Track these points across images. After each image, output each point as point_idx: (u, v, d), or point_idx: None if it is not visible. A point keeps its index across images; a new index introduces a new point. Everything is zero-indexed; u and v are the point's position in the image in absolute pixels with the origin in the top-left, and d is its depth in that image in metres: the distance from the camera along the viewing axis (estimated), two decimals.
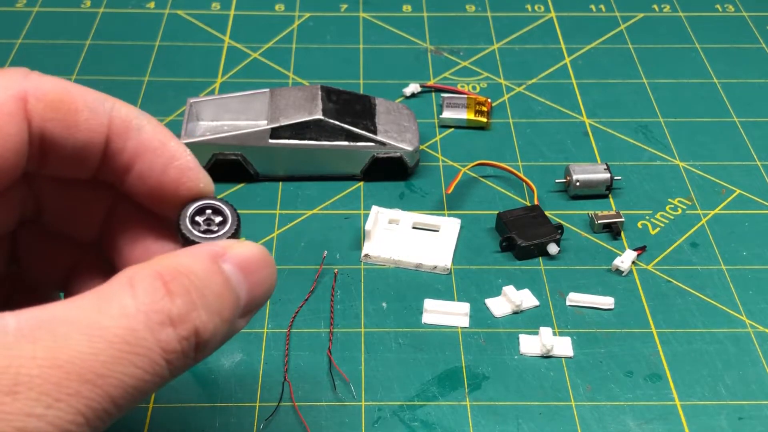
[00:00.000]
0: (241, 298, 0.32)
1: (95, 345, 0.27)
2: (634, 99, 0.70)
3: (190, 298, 0.29)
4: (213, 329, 0.30)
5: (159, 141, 0.34)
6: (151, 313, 0.28)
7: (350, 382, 0.48)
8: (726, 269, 0.56)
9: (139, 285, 0.29)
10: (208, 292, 0.30)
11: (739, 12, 0.80)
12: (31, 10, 0.78)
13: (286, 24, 0.77)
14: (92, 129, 0.33)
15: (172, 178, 0.34)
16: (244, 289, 0.32)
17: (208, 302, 0.30)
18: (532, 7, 0.80)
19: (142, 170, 0.34)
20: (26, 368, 0.26)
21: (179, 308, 0.29)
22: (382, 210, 0.57)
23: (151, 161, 0.34)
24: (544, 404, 0.47)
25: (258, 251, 0.33)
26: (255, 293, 0.33)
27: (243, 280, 0.32)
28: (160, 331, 0.28)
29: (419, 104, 0.68)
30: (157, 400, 0.47)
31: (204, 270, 0.31)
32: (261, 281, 0.33)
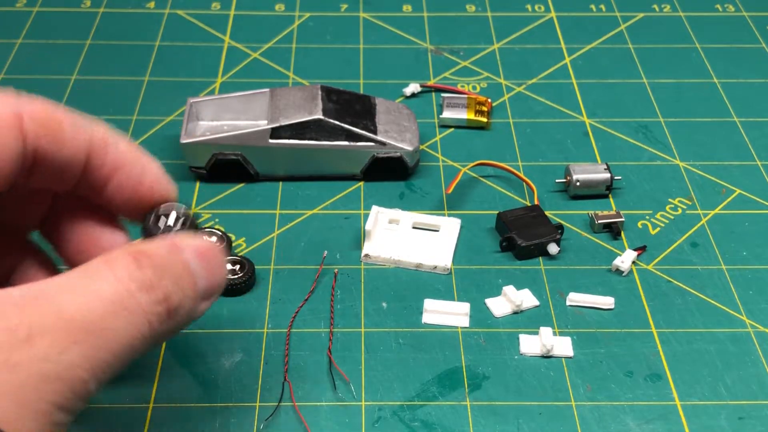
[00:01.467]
0: (199, 281, 0.37)
1: (91, 304, 0.32)
2: (634, 99, 0.70)
3: (156, 271, 0.35)
4: (180, 299, 0.35)
5: (133, 155, 0.39)
6: (129, 281, 0.34)
7: (350, 382, 0.48)
8: (726, 269, 0.56)
9: (116, 262, 0.34)
10: (171, 269, 0.35)
11: (739, 12, 0.80)
12: (31, 10, 0.78)
13: (286, 24, 0.77)
14: (76, 145, 0.37)
15: (146, 187, 0.40)
16: (202, 273, 0.37)
17: (171, 276, 0.35)
18: (532, 7, 0.80)
19: (120, 181, 0.39)
20: (37, 322, 0.31)
21: (150, 278, 0.34)
22: (382, 210, 0.57)
23: (128, 173, 0.39)
24: (544, 404, 0.47)
25: (209, 243, 0.39)
26: (212, 278, 0.38)
27: (200, 266, 0.37)
28: (139, 295, 0.34)
29: (419, 104, 0.68)
30: (157, 400, 0.47)
31: (165, 253, 0.36)
32: (215, 268, 0.38)
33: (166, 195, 0.40)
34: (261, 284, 0.54)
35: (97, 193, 0.40)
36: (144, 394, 0.47)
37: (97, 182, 0.39)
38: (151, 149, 0.64)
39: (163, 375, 0.48)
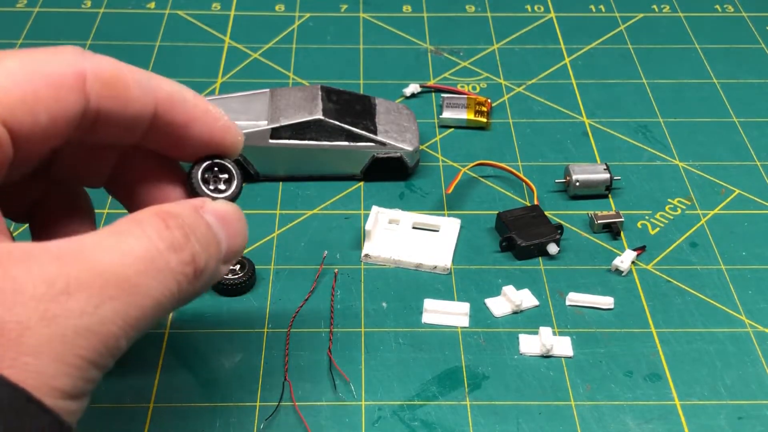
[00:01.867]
0: (221, 243, 0.38)
1: (125, 261, 0.33)
2: (633, 99, 0.70)
3: (183, 231, 0.35)
4: (206, 260, 0.36)
5: (202, 109, 0.39)
6: (158, 240, 0.34)
7: (350, 381, 0.48)
8: (725, 269, 0.56)
9: (144, 222, 0.34)
10: (197, 231, 0.36)
11: (739, 12, 0.80)
12: (32, 11, 0.78)
13: (287, 24, 0.77)
14: (142, 104, 0.37)
15: (217, 137, 0.40)
16: (223, 235, 0.38)
17: (197, 237, 0.36)
18: (532, 8, 0.80)
19: (192, 134, 0.39)
20: (74, 275, 0.31)
21: (178, 238, 0.35)
22: (382, 210, 0.57)
23: (199, 127, 0.39)
24: (543, 404, 0.47)
25: (233, 207, 0.39)
26: (232, 241, 0.39)
27: (221, 228, 0.38)
28: (168, 255, 0.34)
29: (419, 104, 0.68)
30: (157, 400, 0.47)
31: (190, 215, 0.36)
32: (236, 232, 0.39)
33: (237, 142, 0.41)
34: (261, 284, 0.54)
35: (165, 147, 0.40)
36: (144, 394, 0.47)
37: (164, 138, 0.39)
38: None
39: (163, 375, 0.48)
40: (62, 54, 0.35)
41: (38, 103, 0.34)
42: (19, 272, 0.31)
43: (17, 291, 0.30)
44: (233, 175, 0.41)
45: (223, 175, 0.41)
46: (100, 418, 0.46)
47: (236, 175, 0.41)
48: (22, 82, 0.33)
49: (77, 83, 0.35)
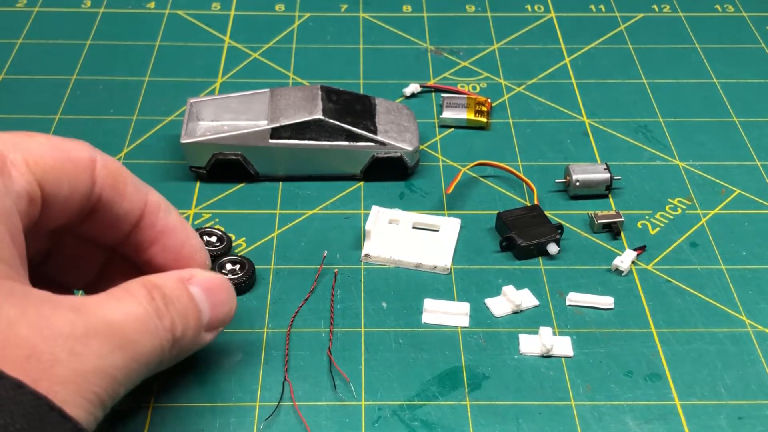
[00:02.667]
0: (204, 313, 0.42)
1: (127, 318, 0.38)
2: (633, 99, 0.70)
3: (165, 302, 0.40)
4: (182, 328, 0.40)
5: (181, 223, 0.44)
6: (148, 306, 0.39)
7: (350, 381, 0.48)
8: (726, 269, 0.56)
9: (135, 290, 0.39)
10: (177, 301, 0.40)
11: (739, 12, 0.80)
12: (32, 10, 0.78)
13: (286, 24, 0.77)
14: (134, 202, 0.42)
15: (186, 253, 0.44)
16: (207, 306, 0.42)
17: (177, 309, 0.40)
18: (532, 7, 0.80)
19: (165, 244, 0.44)
20: (91, 324, 0.36)
21: (159, 307, 0.39)
22: (382, 210, 0.57)
23: (174, 238, 0.44)
24: (543, 404, 0.47)
25: (218, 278, 0.44)
26: (216, 311, 0.43)
27: (205, 299, 0.42)
28: (156, 319, 0.39)
29: (419, 104, 0.68)
30: (157, 400, 0.47)
31: (173, 286, 0.41)
32: (221, 302, 0.43)
33: (203, 264, 0.45)
34: (261, 284, 0.54)
35: (141, 252, 0.44)
36: (144, 394, 0.47)
37: (144, 241, 0.44)
38: (152, 149, 0.65)
39: (163, 375, 0.48)
40: (78, 142, 0.41)
41: (63, 174, 0.39)
42: (49, 312, 0.35)
43: (49, 327, 0.35)
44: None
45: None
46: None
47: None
48: (52, 153, 0.39)
49: (90, 166, 0.40)
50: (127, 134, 0.64)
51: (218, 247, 0.54)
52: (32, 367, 0.33)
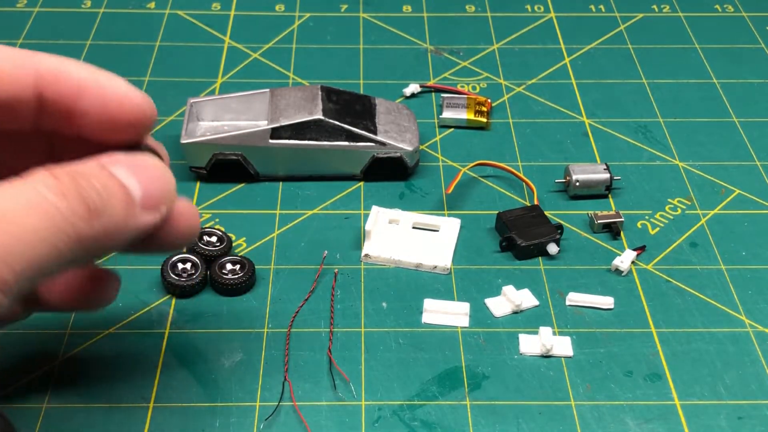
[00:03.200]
0: (133, 188, 0.37)
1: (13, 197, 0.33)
2: (633, 99, 0.70)
3: (71, 177, 0.35)
4: (102, 200, 0.35)
5: (89, 77, 0.38)
6: (42, 186, 0.34)
7: (350, 381, 0.48)
8: (725, 269, 0.56)
9: (31, 176, 0.34)
10: (93, 180, 0.35)
11: (739, 12, 0.80)
12: (32, 11, 0.78)
13: (287, 24, 0.77)
14: (18, 81, 0.37)
15: (114, 107, 0.38)
16: (134, 182, 0.37)
17: (92, 185, 0.35)
18: (532, 7, 0.80)
19: (84, 107, 0.38)
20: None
21: (65, 183, 0.34)
22: (382, 210, 0.57)
23: (89, 96, 0.38)
24: (543, 404, 0.47)
25: (145, 156, 0.38)
26: (150, 187, 0.37)
27: (131, 175, 0.37)
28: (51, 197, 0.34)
29: (419, 104, 0.68)
30: (157, 400, 0.47)
31: (89, 168, 0.36)
32: (153, 177, 0.37)
33: (139, 108, 0.38)
34: (261, 284, 0.54)
35: (67, 125, 0.39)
36: (144, 394, 0.47)
37: (60, 114, 0.38)
38: None
39: (163, 375, 0.48)
40: None
41: None
42: None
43: None
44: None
45: None
46: (100, 418, 0.46)
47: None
48: None
49: None
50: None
51: (218, 247, 0.54)
52: None
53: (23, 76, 0.37)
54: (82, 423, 0.46)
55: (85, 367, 0.49)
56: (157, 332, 0.51)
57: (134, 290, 0.53)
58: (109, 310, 0.51)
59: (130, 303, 0.52)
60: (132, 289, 0.53)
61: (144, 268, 0.54)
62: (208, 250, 0.54)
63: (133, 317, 0.51)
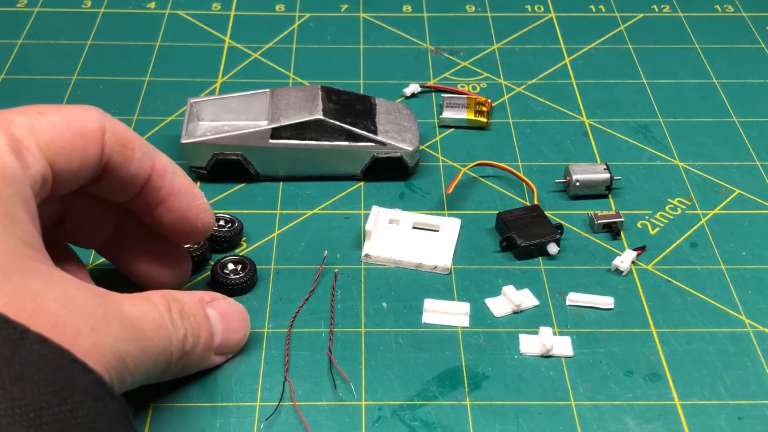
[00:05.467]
0: (216, 335, 0.46)
1: (144, 316, 0.41)
2: (633, 99, 0.70)
3: (181, 314, 0.43)
4: (193, 344, 0.43)
5: (187, 185, 0.46)
6: (164, 312, 0.42)
7: (350, 381, 0.48)
8: (725, 269, 0.56)
9: (154, 299, 0.42)
10: (192, 317, 0.44)
11: (739, 12, 0.80)
12: (32, 11, 0.78)
13: (287, 24, 0.77)
14: (142, 166, 0.44)
15: (193, 213, 0.47)
16: (220, 329, 0.46)
17: (191, 323, 0.43)
18: (532, 7, 0.80)
19: (172, 205, 0.46)
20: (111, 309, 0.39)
21: (174, 318, 0.42)
22: (382, 210, 0.57)
23: (180, 200, 0.46)
24: (544, 404, 0.47)
25: (236, 306, 0.47)
26: (228, 335, 0.47)
27: (220, 322, 0.46)
28: (169, 326, 0.42)
29: (419, 104, 0.68)
30: (157, 400, 0.47)
31: (191, 303, 0.44)
32: (234, 328, 0.47)
33: (210, 222, 0.48)
34: (261, 284, 0.54)
35: (150, 212, 0.46)
36: (144, 394, 0.47)
37: (152, 202, 0.46)
38: None
39: None
40: (88, 109, 0.42)
41: (74, 151, 0.41)
42: (74, 291, 0.37)
43: (75, 304, 0.37)
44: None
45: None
46: None
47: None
48: (64, 132, 0.40)
49: (99, 137, 0.42)
50: None
51: (231, 228, 0.55)
52: (56, 336, 0.35)
53: (146, 164, 0.44)
54: None
55: None
56: None
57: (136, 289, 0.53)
58: None
59: None
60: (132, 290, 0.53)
61: None
62: (221, 234, 0.55)
63: None
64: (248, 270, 0.53)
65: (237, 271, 0.53)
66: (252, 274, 0.53)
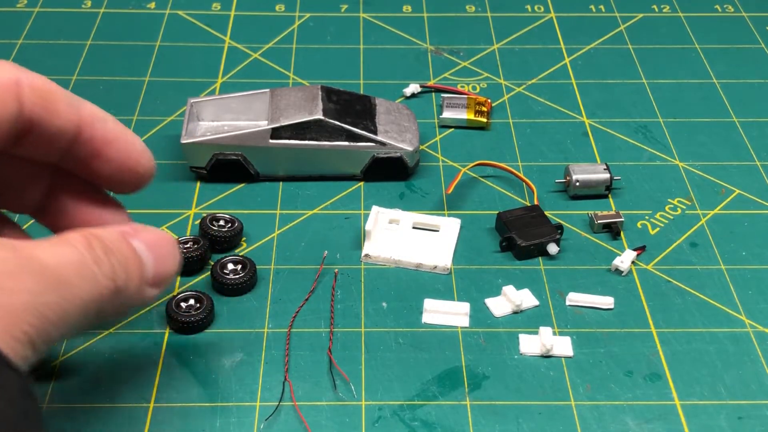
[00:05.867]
0: (148, 265, 0.41)
1: (62, 260, 0.36)
2: (633, 99, 0.70)
3: (104, 251, 0.38)
4: (125, 279, 0.39)
5: (121, 131, 0.43)
6: (85, 252, 0.38)
7: (350, 381, 0.48)
8: (725, 269, 0.56)
9: (72, 239, 0.38)
10: (117, 252, 0.39)
11: (739, 12, 0.80)
12: (32, 11, 0.78)
13: (287, 24, 0.77)
14: (68, 117, 0.41)
15: (133, 159, 0.43)
16: (150, 259, 0.41)
17: (117, 258, 0.39)
18: (532, 8, 0.80)
19: (108, 155, 0.43)
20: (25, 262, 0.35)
21: (98, 255, 0.38)
22: (382, 210, 0.57)
23: (116, 147, 0.43)
24: (543, 404, 0.47)
25: (161, 233, 0.42)
26: (160, 265, 0.42)
27: (148, 252, 0.41)
28: (92, 265, 0.38)
29: (419, 104, 0.68)
30: (157, 400, 0.47)
31: (114, 238, 0.40)
32: (164, 256, 0.42)
33: (151, 167, 0.44)
34: (261, 284, 0.54)
35: (85, 166, 0.43)
36: (144, 394, 0.47)
37: (86, 155, 0.42)
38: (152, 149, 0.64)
39: (163, 375, 0.48)
40: (1, 64, 0.39)
41: None
42: None
43: None
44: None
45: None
46: (100, 418, 0.46)
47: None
48: None
49: (14, 89, 0.39)
50: None
51: (231, 228, 0.55)
52: None
53: (71, 115, 0.41)
54: (82, 423, 0.46)
55: (85, 367, 0.49)
56: (157, 332, 0.51)
57: None
58: None
59: None
60: None
61: None
62: (221, 234, 0.54)
63: (133, 317, 0.51)
64: (248, 270, 0.53)
65: (237, 271, 0.53)
66: (252, 274, 0.53)
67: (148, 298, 0.42)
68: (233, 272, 0.53)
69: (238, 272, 0.53)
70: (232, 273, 0.53)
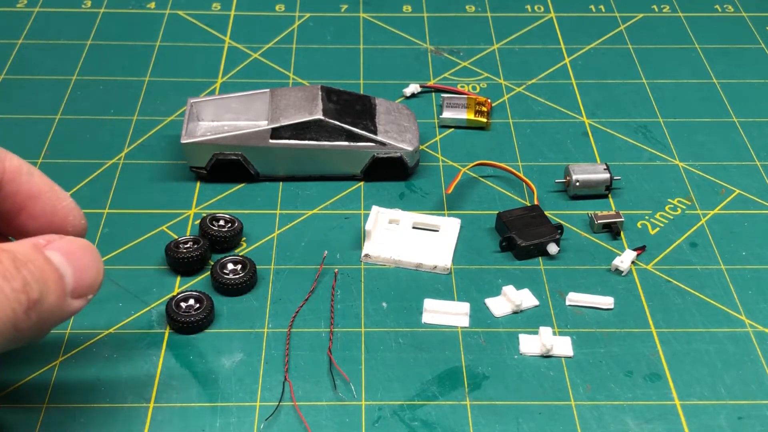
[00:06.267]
0: (66, 276, 0.39)
1: None
2: (633, 99, 0.70)
3: (15, 263, 0.36)
4: (40, 293, 0.37)
5: (47, 185, 0.41)
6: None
7: (350, 381, 0.48)
8: (725, 269, 0.56)
9: None
10: (30, 265, 0.37)
11: (739, 12, 0.80)
12: (32, 11, 0.78)
13: (287, 24, 0.77)
14: None
15: (60, 216, 0.42)
16: (69, 270, 0.39)
17: (30, 271, 0.37)
18: (532, 8, 0.80)
19: (35, 210, 0.41)
20: None
21: (8, 269, 0.36)
22: (382, 210, 0.57)
23: (43, 202, 0.41)
24: (543, 404, 0.47)
25: (80, 242, 0.40)
26: (81, 275, 0.39)
27: (66, 263, 0.39)
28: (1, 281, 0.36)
29: (419, 104, 0.68)
30: (157, 400, 0.47)
31: (26, 252, 0.38)
32: (85, 266, 0.40)
33: (80, 225, 0.42)
34: (261, 284, 0.54)
35: (9, 222, 0.41)
36: (144, 394, 0.47)
37: (11, 210, 0.41)
38: (152, 149, 0.65)
39: (163, 375, 0.48)
40: None
41: None
42: None
43: None
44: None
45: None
46: (100, 418, 0.46)
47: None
48: None
49: None
50: (127, 134, 0.64)
51: (231, 228, 0.55)
52: None
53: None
54: (82, 423, 0.46)
55: (85, 367, 0.49)
56: (157, 332, 0.51)
57: (134, 290, 0.53)
58: (109, 310, 0.51)
59: (130, 303, 0.52)
60: (132, 289, 0.53)
61: (144, 269, 0.54)
62: (221, 234, 0.54)
63: (133, 317, 0.51)
64: (248, 270, 0.53)
65: (237, 271, 0.53)
66: (252, 274, 0.53)
67: (72, 311, 0.40)
68: (233, 272, 0.53)
69: (238, 272, 0.53)
70: (232, 273, 0.53)
